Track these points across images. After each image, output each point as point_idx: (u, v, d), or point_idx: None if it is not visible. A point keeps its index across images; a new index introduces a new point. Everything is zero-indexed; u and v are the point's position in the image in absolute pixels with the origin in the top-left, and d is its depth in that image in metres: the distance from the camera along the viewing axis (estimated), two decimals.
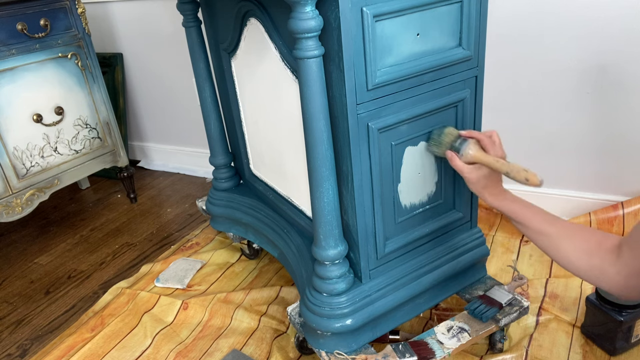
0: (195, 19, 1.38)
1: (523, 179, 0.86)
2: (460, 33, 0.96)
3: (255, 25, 1.13)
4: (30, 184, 1.73)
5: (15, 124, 1.66)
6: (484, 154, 0.93)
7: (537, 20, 1.45)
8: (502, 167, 0.89)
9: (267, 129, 1.30)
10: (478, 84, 1.04)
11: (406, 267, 1.11)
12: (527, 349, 1.17)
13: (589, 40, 1.40)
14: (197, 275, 1.58)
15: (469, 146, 0.95)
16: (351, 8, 0.81)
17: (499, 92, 1.58)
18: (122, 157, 2.01)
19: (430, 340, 1.06)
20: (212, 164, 1.58)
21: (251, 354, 1.26)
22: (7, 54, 1.61)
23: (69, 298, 1.59)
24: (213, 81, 1.48)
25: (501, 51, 1.52)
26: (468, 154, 0.94)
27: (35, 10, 1.65)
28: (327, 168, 0.93)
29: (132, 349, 1.32)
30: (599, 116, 1.48)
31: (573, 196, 1.60)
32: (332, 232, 0.99)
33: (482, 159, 0.93)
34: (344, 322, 1.03)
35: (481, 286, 1.22)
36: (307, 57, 0.84)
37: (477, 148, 0.94)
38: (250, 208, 1.47)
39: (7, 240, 1.96)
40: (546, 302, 1.30)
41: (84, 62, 1.81)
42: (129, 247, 1.82)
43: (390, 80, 0.90)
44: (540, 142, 1.60)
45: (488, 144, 0.95)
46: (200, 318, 1.39)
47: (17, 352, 1.39)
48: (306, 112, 0.89)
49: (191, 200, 2.10)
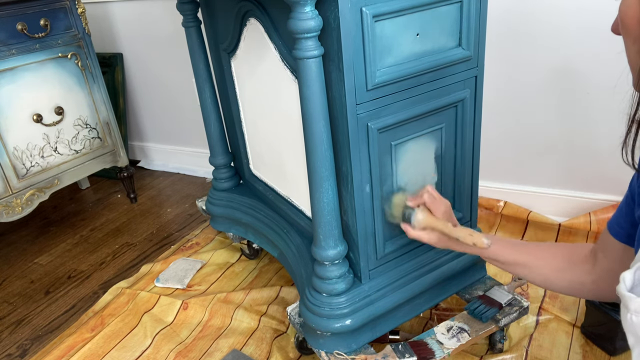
0: (195, 19, 1.38)
1: (471, 244, 0.88)
2: (460, 33, 0.96)
3: (255, 26, 1.13)
4: (30, 184, 1.73)
5: (15, 124, 1.66)
6: (433, 219, 0.94)
7: (535, 20, 1.45)
8: (451, 233, 0.91)
9: (267, 129, 1.30)
10: (478, 84, 1.03)
11: (406, 267, 1.11)
12: (527, 349, 1.17)
13: (590, 40, 1.40)
14: (197, 275, 1.58)
15: (417, 215, 0.96)
16: (351, 8, 0.81)
17: (499, 92, 1.58)
18: (122, 157, 2.01)
19: (430, 341, 1.06)
20: (212, 164, 1.58)
21: (251, 354, 1.26)
22: (7, 54, 1.61)
23: (69, 298, 1.59)
24: (213, 81, 1.48)
25: (501, 51, 1.52)
26: (419, 222, 0.96)
27: (35, 10, 1.65)
28: (327, 168, 0.93)
29: (132, 349, 1.32)
30: (599, 116, 1.48)
31: (573, 196, 1.60)
32: (332, 232, 0.99)
33: (432, 224, 0.94)
34: (343, 322, 1.03)
35: (481, 286, 1.22)
36: (307, 57, 0.84)
37: (425, 214, 0.95)
38: (250, 208, 1.47)
39: (7, 240, 1.96)
40: (546, 302, 1.30)
41: (84, 62, 1.81)
42: (129, 247, 1.82)
43: (390, 81, 0.90)
44: (540, 142, 1.60)
45: (431, 203, 0.95)
46: (200, 318, 1.39)
47: (17, 352, 1.39)
48: (306, 112, 0.89)
49: (191, 200, 2.10)
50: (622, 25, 0.59)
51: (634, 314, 0.48)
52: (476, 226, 1.21)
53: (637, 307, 0.48)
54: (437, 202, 0.95)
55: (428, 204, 0.95)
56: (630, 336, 0.50)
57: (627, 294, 0.49)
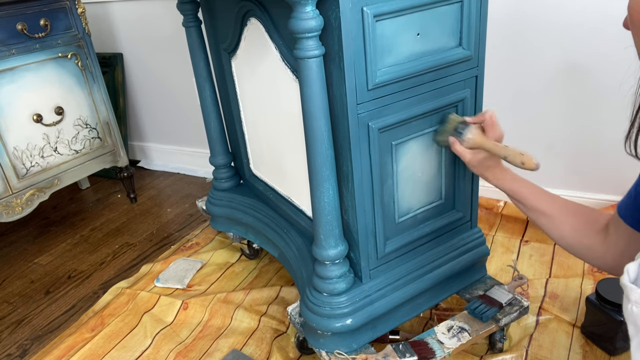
0: (195, 18, 1.38)
1: (519, 163, 0.88)
2: (461, 33, 0.96)
3: (256, 25, 1.13)
4: (30, 184, 1.73)
5: (15, 124, 1.66)
6: (484, 139, 0.96)
7: (539, 20, 1.45)
8: (500, 151, 0.92)
9: (267, 129, 1.30)
10: (478, 84, 1.04)
11: (406, 267, 1.11)
12: (527, 349, 1.17)
13: (594, 40, 1.41)
14: (197, 275, 1.58)
15: (470, 131, 0.97)
16: (351, 8, 0.81)
17: (499, 92, 1.59)
18: (122, 157, 2.01)
19: (431, 340, 1.06)
20: (212, 164, 1.58)
21: (251, 354, 1.26)
22: (7, 54, 1.61)
23: (69, 298, 1.59)
24: (213, 81, 1.48)
25: (504, 51, 1.52)
26: (469, 140, 0.97)
27: (35, 10, 1.65)
28: (328, 168, 0.93)
29: (132, 349, 1.32)
30: (599, 116, 1.48)
31: (573, 196, 1.60)
32: (333, 232, 0.99)
33: (481, 143, 0.96)
34: (344, 321, 1.03)
35: (481, 286, 1.22)
36: (308, 57, 0.84)
37: (477, 132, 0.97)
38: (250, 208, 1.47)
39: (7, 240, 1.96)
40: (546, 302, 1.30)
41: (84, 62, 1.81)
42: (129, 247, 1.82)
43: (391, 80, 0.90)
44: (540, 142, 1.60)
45: (488, 125, 0.97)
46: (200, 318, 1.39)
47: (17, 352, 1.39)
48: (306, 112, 0.89)
49: (191, 200, 2.10)
50: (630, 21, 0.61)
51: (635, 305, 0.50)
52: (476, 226, 1.21)
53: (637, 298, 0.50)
54: (495, 126, 0.96)
55: (487, 124, 0.96)
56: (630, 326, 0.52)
57: (629, 285, 0.51)
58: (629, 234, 0.75)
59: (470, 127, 0.97)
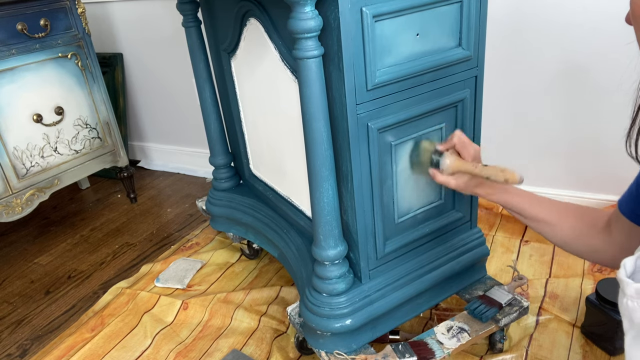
0: (195, 19, 1.38)
1: (502, 180, 0.87)
2: (460, 33, 0.96)
3: (255, 26, 1.13)
4: (30, 184, 1.73)
5: (15, 124, 1.66)
6: (461, 163, 0.94)
7: (539, 20, 1.45)
8: (480, 172, 0.91)
9: (267, 129, 1.30)
10: (478, 84, 1.04)
11: (406, 267, 1.11)
12: (527, 349, 1.17)
13: (594, 40, 1.40)
14: (197, 275, 1.58)
15: (446, 159, 0.96)
16: (351, 8, 0.81)
17: (499, 92, 1.58)
18: (122, 157, 2.01)
19: (430, 340, 1.06)
20: (212, 164, 1.58)
21: (251, 354, 1.26)
22: (7, 54, 1.61)
23: (69, 298, 1.59)
24: (213, 81, 1.48)
25: (501, 51, 1.52)
26: (447, 167, 0.96)
27: (35, 10, 1.65)
28: (327, 168, 0.93)
29: (132, 349, 1.32)
30: (599, 116, 1.48)
31: (573, 196, 1.60)
32: (332, 232, 0.99)
33: (460, 168, 0.94)
34: (343, 322, 1.03)
35: (481, 286, 1.22)
36: (307, 57, 0.84)
37: (453, 158, 0.96)
38: (250, 208, 1.47)
39: (7, 240, 1.96)
40: (546, 302, 1.30)
41: (84, 62, 1.81)
42: (129, 247, 1.82)
43: (390, 81, 0.90)
44: (539, 142, 1.60)
45: (460, 147, 0.96)
46: (200, 318, 1.39)
47: (17, 352, 1.39)
48: (306, 112, 0.89)
49: (191, 200, 2.10)
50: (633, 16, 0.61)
51: (629, 299, 0.51)
52: (476, 226, 1.21)
53: (632, 292, 0.50)
54: (466, 146, 0.95)
55: (458, 147, 0.95)
56: (625, 320, 0.52)
57: (625, 279, 0.51)
58: (629, 229, 0.75)
59: (444, 153, 0.97)
